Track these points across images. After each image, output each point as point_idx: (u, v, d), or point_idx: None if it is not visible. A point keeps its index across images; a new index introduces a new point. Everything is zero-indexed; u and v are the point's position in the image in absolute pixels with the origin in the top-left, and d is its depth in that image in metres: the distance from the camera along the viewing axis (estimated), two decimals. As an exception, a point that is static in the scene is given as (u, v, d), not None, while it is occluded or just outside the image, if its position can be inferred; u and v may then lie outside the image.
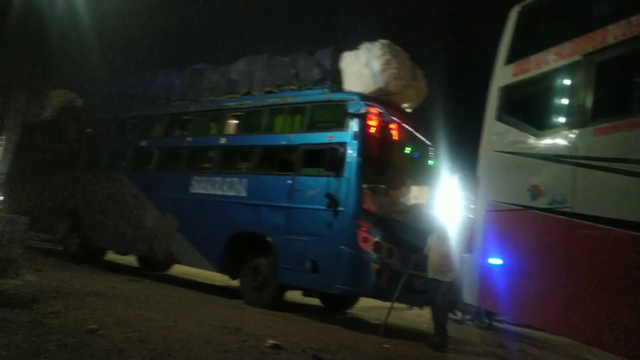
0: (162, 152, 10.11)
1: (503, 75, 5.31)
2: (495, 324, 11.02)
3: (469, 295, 5.54)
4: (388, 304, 7.34)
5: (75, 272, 8.66)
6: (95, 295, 6.33)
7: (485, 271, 5.15)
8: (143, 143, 10.52)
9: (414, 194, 8.28)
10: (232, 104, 9.30)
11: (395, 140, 7.98)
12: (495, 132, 5.29)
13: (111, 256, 11.74)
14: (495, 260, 5.06)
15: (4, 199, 13.61)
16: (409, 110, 8.72)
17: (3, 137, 13.97)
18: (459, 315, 11.06)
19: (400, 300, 7.41)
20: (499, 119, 5.28)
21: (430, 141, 8.90)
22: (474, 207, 5.70)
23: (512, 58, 5.26)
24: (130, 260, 12.29)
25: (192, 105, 10.06)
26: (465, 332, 9.61)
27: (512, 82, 5.20)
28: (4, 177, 13.90)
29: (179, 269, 11.69)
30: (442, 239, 6.99)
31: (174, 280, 10.47)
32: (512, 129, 5.13)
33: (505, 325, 10.82)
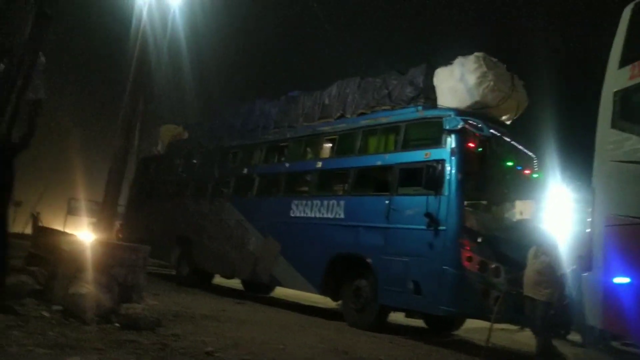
0: (262, 179, 10.54)
1: (618, 78, 4.91)
2: (622, 348, 9.98)
3: (591, 317, 5.11)
4: (499, 325, 6.97)
5: (188, 296, 9.20)
6: (209, 318, 6.68)
7: (610, 291, 4.72)
8: (244, 171, 11.05)
9: (519, 209, 7.87)
10: (326, 128, 9.51)
11: (495, 154, 7.66)
12: (611, 141, 4.89)
13: (217, 280, 12.35)
14: (622, 279, 4.62)
15: (122, 227, 14.93)
16: (508, 122, 8.35)
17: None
18: (576, 337, 10.17)
19: (507, 321, 7.01)
20: (615, 126, 4.87)
21: (534, 153, 8.42)
22: (590, 221, 5.28)
23: (627, 60, 4.85)
24: (235, 283, 12.84)
25: (288, 131, 10.42)
26: (588, 356, 8.82)
27: (630, 86, 4.78)
28: (123, 207, 15.22)
29: (280, 291, 11.99)
30: (540, 253, 6.55)
31: (277, 302, 10.75)
32: (631, 136, 4.70)
33: (634, 350, 9.76)
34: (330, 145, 9.45)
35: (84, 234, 12.47)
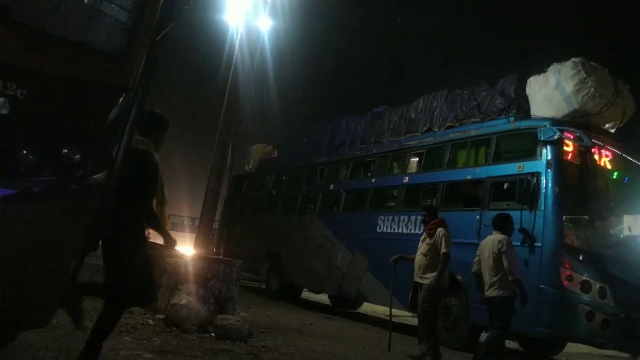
0: (348, 194, 10.63)
1: None
2: None
3: None
4: (602, 351, 6.41)
5: (277, 309, 9.46)
6: (297, 332, 6.82)
7: None
8: (331, 187, 11.22)
9: (627, 225, 7.23)
10: (413, 143, 9.42)
11: (598, 165, 7.15)
12: None
13: (305, 294, 12.56)
14: None
15: (217, 242, 15.71)
16: (613, 130, 7.76)
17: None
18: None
19: (617, 347, 6.43)
20: None
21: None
22: None
23: None
24: (323, 297, 12.97)
25: (374, 147, 10.44)
26: None
27: None
28: (218, 223, 16.04)
29: (367, 307, 11.93)
30: None
31: (364, 317, 10.70)
32: None
33: None
34: (417, 159, 9.34)
35: (184, 249, 13.29)
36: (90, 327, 3.48)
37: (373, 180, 10.10)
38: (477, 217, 7.38)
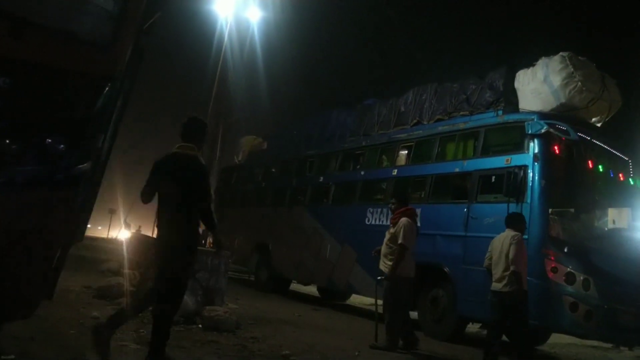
0: (337, 187, 10.64)
1: None
2: None
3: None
4: (586, 342, 6.52)
5: (266, 301, 9.48)
6: (285, 323, 6.84)
7: None
8: (320, 179, 11.22)
9: (612, 218, 7.32)
10: (402, 136, 9.44)
11: (584, 159, 7.21)
12: None
13: (294, 286, 12.59)
14: None
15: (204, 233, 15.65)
16: (599, 125, 7.84)
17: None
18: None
19: (599, 337, 6.54)
20: None
21: (629, 157, 7.82)
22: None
23: None
24: (312, 289, 13.01)
25: (364, 139, 10.45)
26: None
27: None
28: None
29: (356, 299, 12.00)
30: None
31: (353, 309, 10.76)
32: None
33: None
34: (407, 152, 9.35)
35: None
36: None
37: (362, 172, 10.11)
38: (465, 209, 7.43)
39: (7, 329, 3.59)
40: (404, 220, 6.32)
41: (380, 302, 6.64)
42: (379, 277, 6.43)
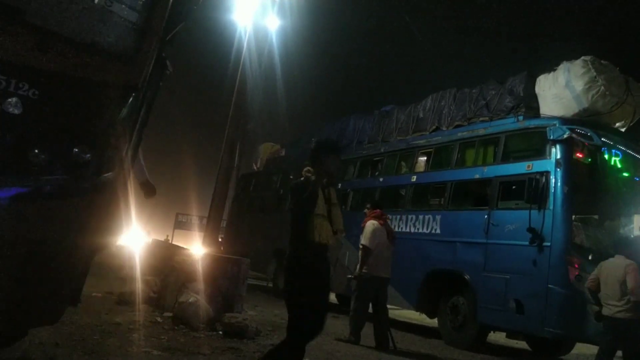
0: (355, 193, 10.62)
1: None
2: None
3: None
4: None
5: (285, 308, 9.41)
6: (305, 330, 6.81)
7: None
8: (338, 186, 11.20)
9: (638, 224, 7.17)
10: (421, 142, 9.40)
11: (608, 164, 7.09)
12: None
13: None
14: None
15: (224, 240, 15.76)
16: (624, 130, 7.69)
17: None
18: None
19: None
20: None
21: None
22: None
23: None
24: (330, 296, 12.95)
25: (382, 146, 10.42)
26: None
27: None
28: (225, 221, 16.10)
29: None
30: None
31: (372, 316, 10.66)
32: None
33: None
34: (425, 158, 9.31)
35: (193, 248, 13.35)
36: None
37: (380, 179, 10.08)
38: (486, 216, 7.35)
39: (34, 335, 3.66)
40: (368, 223, 6.83)
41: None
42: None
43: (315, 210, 3.50)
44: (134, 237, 8.08)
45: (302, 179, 3.68)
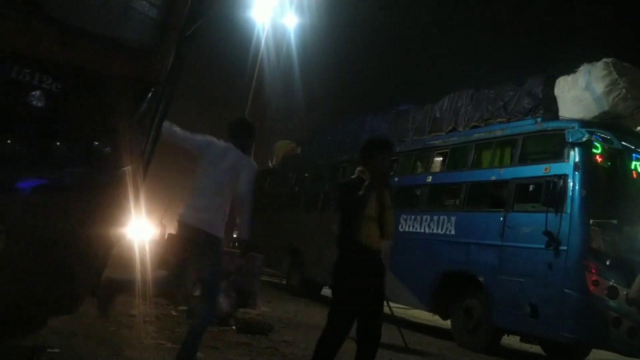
0: (370, 192, 10.59)
1: None
2: None
3: None
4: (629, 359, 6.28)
5: (298, 305, 9.51)
6: (318, 328, 6.77)
7: None
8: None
9: (659, 230, 7.05)
10: (437, 142, 9.34)
11: (629, 168, 6.98)
12: None
13: (326, 290, 12.57)
14: None
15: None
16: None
17: None
18: None
19: None
20: None
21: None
22: None
23: None
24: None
25: (398, 145, 10.37)
26: None
27: None
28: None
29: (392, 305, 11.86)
30: None
31: (385, 317, 10.63)
32: None
33: None
34: (441, 159, 9.25)
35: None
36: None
37: (396, 179, 10.03)
38: (501, 218, 7.29)
39: (52, 325, 3.74)
40: None
41: (393, 305, 6.61)
42: None
43: (365, 212, 3.32)
44: (145, 231, 8.14)
45: (353, 176, 3.53)
